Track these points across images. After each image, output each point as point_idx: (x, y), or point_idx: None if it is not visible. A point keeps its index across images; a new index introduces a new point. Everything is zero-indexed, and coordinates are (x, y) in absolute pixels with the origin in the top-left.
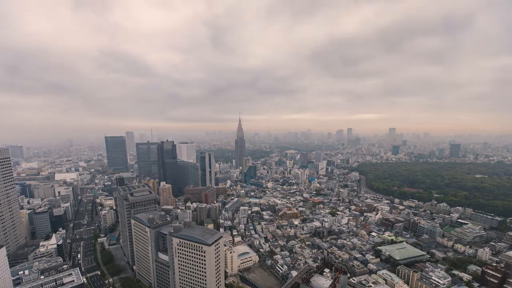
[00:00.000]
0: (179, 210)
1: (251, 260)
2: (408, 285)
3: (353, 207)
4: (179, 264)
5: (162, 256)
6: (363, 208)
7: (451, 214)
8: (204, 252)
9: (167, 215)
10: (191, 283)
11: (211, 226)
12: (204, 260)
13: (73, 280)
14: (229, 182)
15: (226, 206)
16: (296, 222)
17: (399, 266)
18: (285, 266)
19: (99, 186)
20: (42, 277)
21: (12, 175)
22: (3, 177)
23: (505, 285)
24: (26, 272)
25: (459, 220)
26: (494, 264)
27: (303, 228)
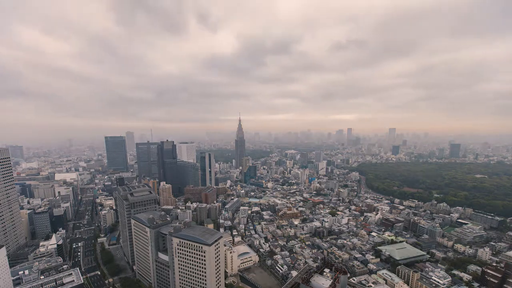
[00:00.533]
0: (179, 210)
1: (251, 260)
2: (408, 285)
3: (353, 207)
4: (179, 264)
5: (162, 256)
6: (363, 208)
7: (451, 214)
8: (204, 252)
9: (167, 215)
10: (191, 283)
11: (211, 226)
12: (204, 260)
13: (73, 280)
14: (229, 182)
15: (226, 206)
16: (296, 222)
17: (399, 266)
18: (285, 266)
19: (99, 186)
20: (42, 277)
21: (12, 175)
22: (3, 177)
23: (505, 285)
24: (26, 272)
25: (459, 220)
26: (494, 264)
27: (303, 228)
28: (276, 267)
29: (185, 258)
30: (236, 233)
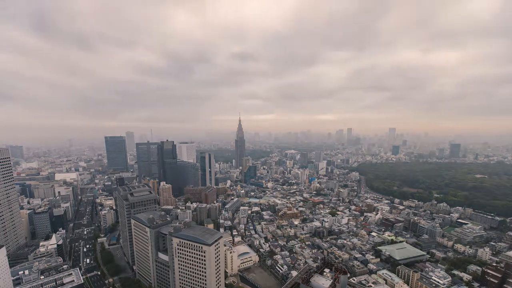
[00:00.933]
0: (179, 210)
1: (251, 260)
2: (408, 285)
3: (353, 207)
4: (179, 264)
5: (162, 256)
6: (363, 208)
7: (451, 214)
8: (204, 252)
9: (167, 215)
10: (191, 283)
11: (211, 226)
12: (204, 260)
13: (73, 280)
14: (229, 182)
15: (226, 206)
16: (296, 222)
17: (399, 266)
18: (285, 266)
19: (99, 186)
20: (42, 277)
21: (12, 175)
22: (3, 177)
23: (505, 285)
24: (26, 272)
25: (459, 220)
26: (494, 264)
27: (303, 228)
28: (276, 267)
29: (185, 258)
30: (236, 233)
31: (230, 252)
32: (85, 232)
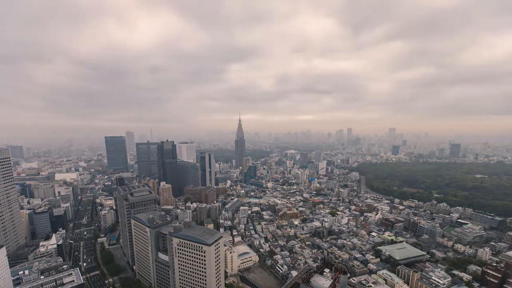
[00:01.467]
0: (179, 210)
1: (251, 260)
2: (408, 285)
3: (353, 207)
4: (179, 264)
5: (162, 256)
6: (363, 208)
7: (451, 214)
8: (204, 252)
9: (167, 215)
10: (191, 283)
11: (211, 226)
12: (204, 260)
13: (73, 280)
14: (229, 182)
15: (226, 206)
16: (296, 222)
17: (399, 266)
18: (285, 266)
19: (99, 186)
20: (42, 277)
21: (12, 175)
22: (3, 177)
23: (505, 285)
24: (26, 272)
25: (459, 220)
26: (494, 264)
27: (303, 228)
28: (276, 267)
29: (185, 258)
30: (236, 233)
31: (230, 252)
32: (85, 232)
